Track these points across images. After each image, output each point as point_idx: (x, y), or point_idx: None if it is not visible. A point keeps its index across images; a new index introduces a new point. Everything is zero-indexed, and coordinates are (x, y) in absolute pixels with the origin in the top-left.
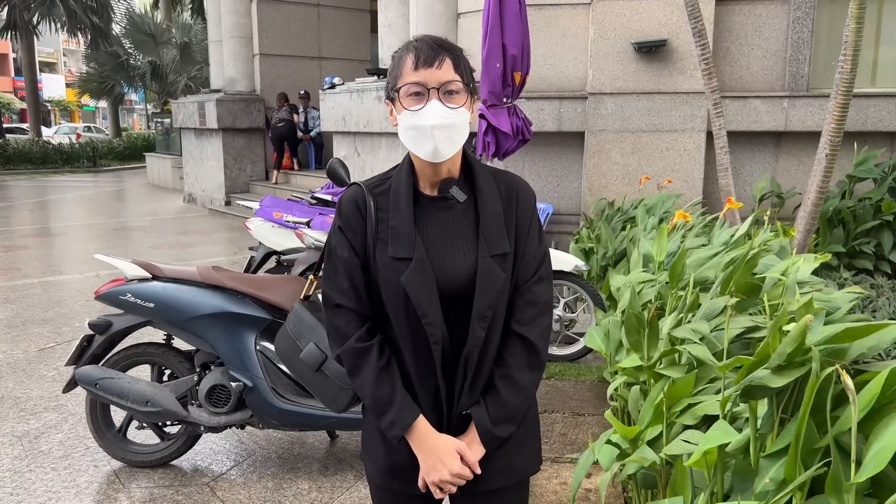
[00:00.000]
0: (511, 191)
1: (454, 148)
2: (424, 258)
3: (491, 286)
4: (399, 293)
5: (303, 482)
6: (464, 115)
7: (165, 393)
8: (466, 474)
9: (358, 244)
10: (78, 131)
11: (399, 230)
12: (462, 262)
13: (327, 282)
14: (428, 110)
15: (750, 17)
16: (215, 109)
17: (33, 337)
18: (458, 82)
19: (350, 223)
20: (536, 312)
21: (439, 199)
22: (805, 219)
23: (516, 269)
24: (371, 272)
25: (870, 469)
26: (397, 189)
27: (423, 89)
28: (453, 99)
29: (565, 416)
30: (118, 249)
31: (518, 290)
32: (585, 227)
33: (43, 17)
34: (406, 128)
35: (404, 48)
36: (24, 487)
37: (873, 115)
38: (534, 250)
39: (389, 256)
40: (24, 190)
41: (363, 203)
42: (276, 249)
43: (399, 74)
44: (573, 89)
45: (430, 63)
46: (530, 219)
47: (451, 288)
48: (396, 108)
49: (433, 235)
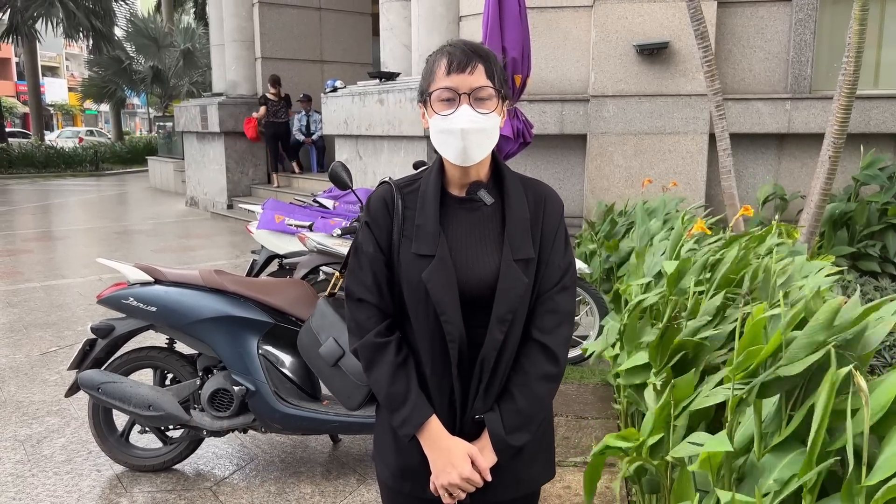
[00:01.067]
0: (539, 198)
1: (483, 152)
2: (447, 256)
3: (512, 290)
4: (420, 290)
5: (305, 486)
6: (494, 120)
7: (168, 397)
8: (476, 480)
9: (383, 241)
10: (81, 135)
11: (424, 227)
12: (485, 263)
13: (351, 276)
14: (458, 115)
15: (752, 19)
16: (217, 113)
17: (36, 341)
18: (489, 88)
19: (377, 220)
20: (558, 321)
21: (466, 199)
22: (808, 221)
23: (539, 276)
24: (394, 269)
25: (882, 472)
26: (425, 189)
27: (454, 94)
28: (484, 104)
29: (568, 420)
30: (120, 253)
31: (540, 298)
32: (588, 231)
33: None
34: (437, 131)
35: (438, 52)
36: (26, 492)
37: (876, 117)
38: (559, 259)
39: (412, 253)
40: (26, 194)
41: (391, 201)
42: (279, 253)
43: (432, 79)
44: (575, 92)
45: (463, 68)
46: (557, 227)
47: (473, 289)
48: (428, 111)
49: (458, 235)
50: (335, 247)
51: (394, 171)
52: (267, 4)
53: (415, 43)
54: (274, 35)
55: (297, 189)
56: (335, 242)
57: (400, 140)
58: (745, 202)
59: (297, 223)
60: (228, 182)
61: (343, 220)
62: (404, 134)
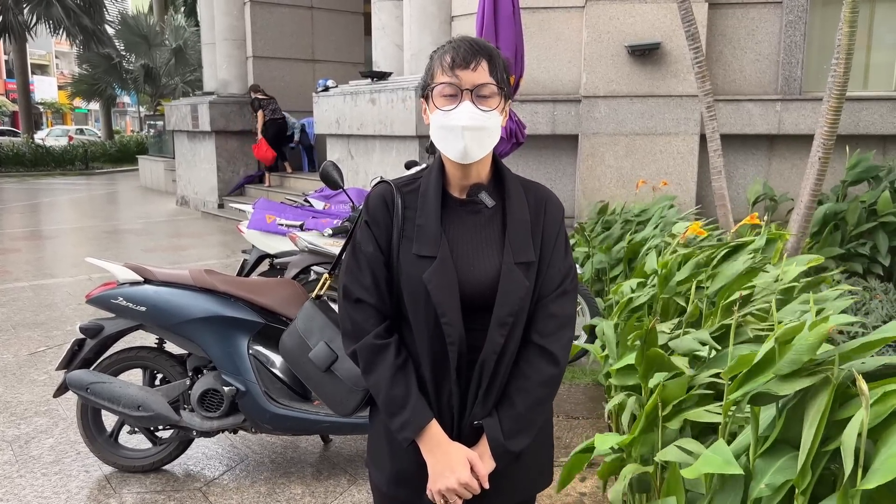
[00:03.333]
0: (540, 201)
1: (484, 150)
2: (448, 258)
3: (513, 293)
4: (420, 291)
5: (296, 487)
6: (496, 119)
7: (157, 397)
8: (474, 486)
9: (383, 240)
10: (71, 134)
11: (425, 228)
12: (486, 266)
13: (349, 276)
14: (459, 111)
15: (743, 20)
16: (208, 112)
17: (24, 341)
18: (492, 85)
19: (377, 219)
20: (558, 325)
21: (468, 202)
22: (798, 222)
23: (540, 280)
24: (394, 269)
25: (879, 475)
26: (426, 189)
27: (456, 90)
28: (486, 101)
29: (559, 420)
30: (110, 252)
31: (541, 302)
32: (580, 231)
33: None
34: (437, 127)
35: (442, 47)
36: (13, 493)
37: (865, 119)
38: (559, 263)
39: (413, 254)
40: (15, 192)
41: (391, 200)
42: (270, 252)
43: (435, 73)
44: (567, 92)
45: (466, 64)
46: (557, 231)
47: (473, 292)
48: (429, 106)
49: (459, 238)
50: (326, 246)
51: (385, 170)
52: (258, 3)
53: (407, 42)
54: (265, 34)
55: (288, 189)
56: (326, 242)
57: (392, 140)
58: (736, 203)
59: (288, 223)
60: (219, 181)
61: (334, 220)
62: (396, 134)
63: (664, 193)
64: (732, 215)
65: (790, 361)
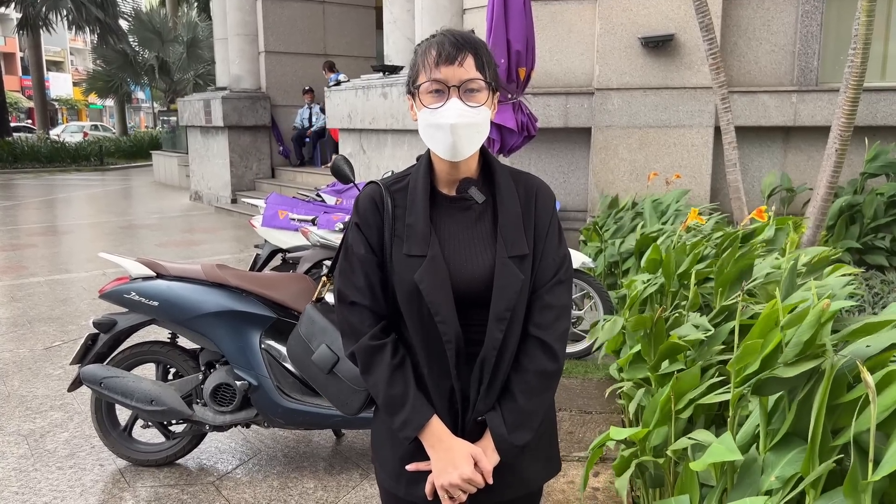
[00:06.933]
0: (530, 192)
1: (473, 147)
2: (439, 256)
3: (509, 287)
4: (413, 291)
5: (308, 481)
6: (484, 114)
7: (170, 392)
8: (478, 481)
9: (374, 241)
10: (86, 130)
11: (414, 227)
12: (479, 262)
13: (342, 279)
14: (447, 108)
15: (758, 10)
16: (221, 107)
17: (39, 335)
18: (479, 80)
19: (367, 220)
20: (555, 316)
21: (458, 198)
22: (815, 214)
23: (535, 271)
24: (387, 270)
25: (889, 467)
26: (414, 187)
27: (443, 87)
28: (474, 97)
29: (572, 414)
30: (124, 247)
31: (536, 293)
32: (593, 225)
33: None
34: (425, 125)
35: (427, 42)
36: (29, 486)
37: (883, 110)
38: (553, 252)
39: (404, 254)
40: (31, 188)
41: (380, 200)
42: (282, 247)
43: (420, 70)
44: (579, 85)
45: (452, 60)
46: (549, 220)
47: (468, 288)
48: (416, 104)
49: (450, 234)
50: (338, 241)
51: (397, 164)
52: None
53: (419, 36)
54: (277, 29)
55: (300, 183)
56: (338, 237)
57: (404, 134)
58: (751, 196)
59: (300, 218)
60: (232, 176)
61: (346, 215)
62: (408, 127)
63: (678, 187)
64: (747, 208)
65: (794, 345)
